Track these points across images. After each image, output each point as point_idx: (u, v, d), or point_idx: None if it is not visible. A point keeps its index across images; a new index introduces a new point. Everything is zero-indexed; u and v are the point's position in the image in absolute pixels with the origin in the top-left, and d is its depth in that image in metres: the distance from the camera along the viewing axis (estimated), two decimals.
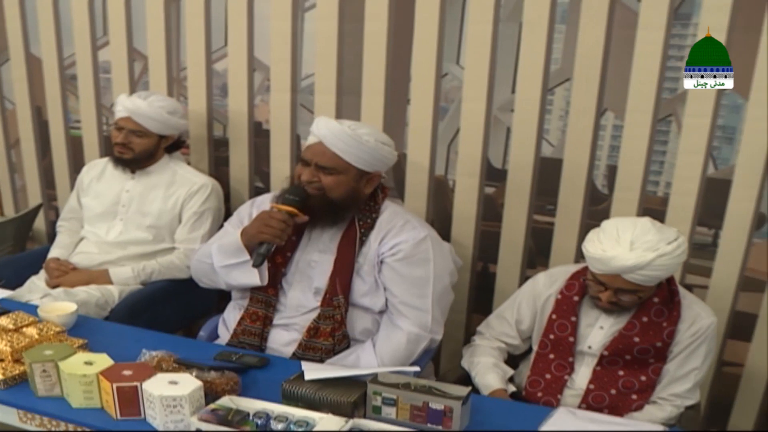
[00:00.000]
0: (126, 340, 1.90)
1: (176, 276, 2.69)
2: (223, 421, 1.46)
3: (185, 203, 2.73)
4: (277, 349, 2.14)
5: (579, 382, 2.08)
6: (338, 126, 2.09)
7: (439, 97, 2.61)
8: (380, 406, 1.62)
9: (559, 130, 2.52)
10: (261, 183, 3.03)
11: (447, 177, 2.72)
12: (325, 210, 2.10)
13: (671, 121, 2.41)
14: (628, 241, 1.89)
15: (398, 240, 2.11)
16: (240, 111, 2.92)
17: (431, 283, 2.11)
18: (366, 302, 2.12)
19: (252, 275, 2.10)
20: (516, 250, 2.67)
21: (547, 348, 2.13)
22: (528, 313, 2.22)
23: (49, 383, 1.58)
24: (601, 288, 1.99)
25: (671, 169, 2.43)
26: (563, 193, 2.56)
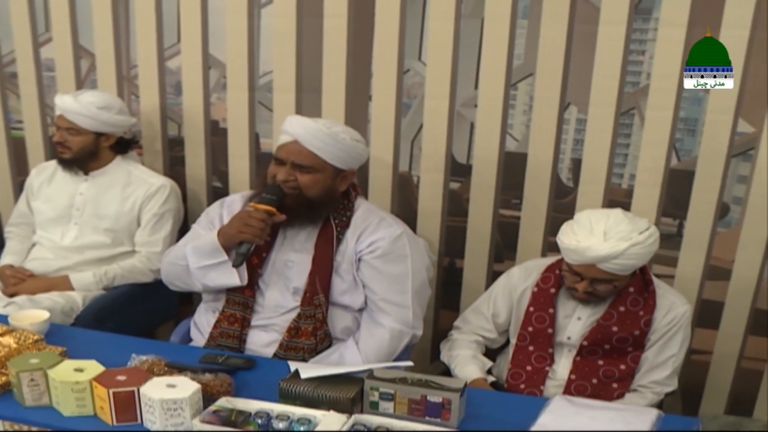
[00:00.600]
0: (102, 346, 1.93)
1: (139, 280, 2.73)
2: (226, 422, 1.53)
3: (144, 205, 2.77)
4: (256, 350, 2.20)
5: (560, 372, 2.21)
6: (314, 124, 2.16)
7: (402, 93, 2.68)
8: (377, 402, 1.70)
9: (523, 124, 2.64)
10: (219, 183, 3.09)
11: (411, 173, 2.83)
12: (301, 209, 2.17)
13: (634, 114, 2.55)
14: (601, 232, 2.03)
15: (375, 237, 2.20)
16: (195, 109, 2.96)
17: (410, 278, 2.21)
18: (345, 300, 2.21)
19: (231, 276, 2.17)
20: (482, 244, 2.78)
21: (527, 340, 2.25)
22: (504, 307, 2.34)
23: (37, 392, 1.62)
24: (577, 279, 2.11)
25: (635, 161, 2.56)
26: (528, 187, 2.67)
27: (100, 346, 1.94)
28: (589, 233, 2.03)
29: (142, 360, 1.76)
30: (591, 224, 2.06)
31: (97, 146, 2.77)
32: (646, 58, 2.51)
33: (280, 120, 2.77)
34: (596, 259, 2.01)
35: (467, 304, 2.77)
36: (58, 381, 1.58)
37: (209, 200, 3.06)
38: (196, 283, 2.24)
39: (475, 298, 2.75)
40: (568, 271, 2.13)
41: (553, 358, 2.22)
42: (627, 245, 2.00)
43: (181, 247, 2.31)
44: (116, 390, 1.56)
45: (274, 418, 1.52)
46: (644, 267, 2.18)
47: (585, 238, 2.03)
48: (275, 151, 2.21)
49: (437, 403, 1.64)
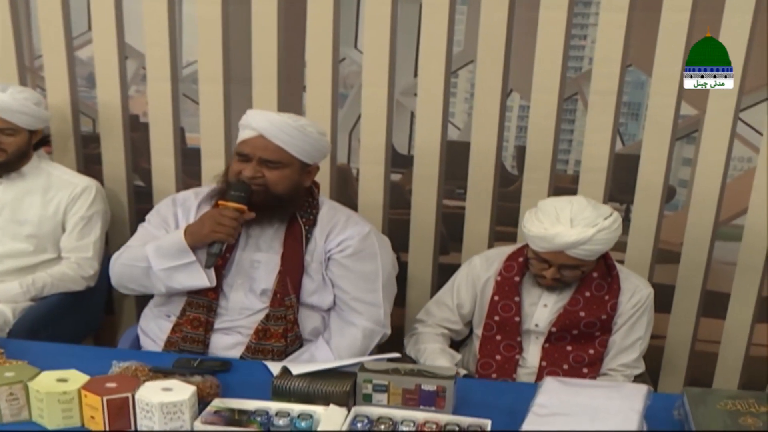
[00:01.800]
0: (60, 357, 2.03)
1: (70, 288, 2.87)
2: (229, 421, 1.73)
3: (68, 208, 2.91)
4: (220, 354, 2.40)
5: (530, 360, 2.51)
6: (279, 117, 2.36)
7: (338, 83, 2.94)
8: (371, 394, 1.90)
9: (465, 112, 2.94)
10: (141, 182, 3.28)
11: (350, 165, 3.09)
12: (269, 206, 2.36)
13: (577, 100, 2.88)
14: (567, 219, 2.33)
15: (345, 236, 2.43)
16: (111, 103, 3.14)
17: (380, 276, 2.46)
18: (314, 300, 2.43)
19: (199, 277, 2.34)
20: (427, 237, 3.08)
21: (493, 330, 2.54)
22: (468, 297, 2.63)
23: (16, 407, 1.75)
24: (545, 266, 2.41)
25: (580, 147, 2.89)
26: (472, 177, 2.98)
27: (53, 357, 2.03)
28: (555, 220, 2.33)
29: (124, 366, 1.93)
30: (556, 211, 2.36)
31: (29, 145, 2.92)
32: (587, 42, 2.83)
33: (207, 113, 3.05)
34: (564, 246, 2.31)
35: (413, 299, 3.11)
36: (43, 393, 1.72)
37: (130, 201, 3.26)
38: (158, 286, 2.40)
39: (421, 292, 3.11)
40: (535, 258, 2.43)
41: (521, 346, 2.52)
42: (594, 231, 2.30)
43: (136, 247, 2.46)
44: (110, 397, 1.71)
45: (274, 415, 1.74)
46: (607, 253, 2.49)
47: (552, 226, 2.33)
48: (238, 146, 2.40)
49: (431, 392, 1.87)
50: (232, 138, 3.06)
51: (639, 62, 2.82)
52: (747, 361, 3.12)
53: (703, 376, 3.15)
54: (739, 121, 2.83)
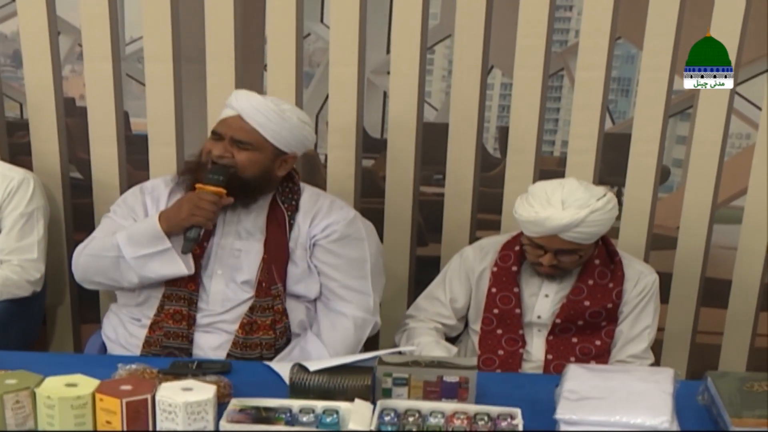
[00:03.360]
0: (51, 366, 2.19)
1: (15, 294, 3.07)
2: (257, 419, 1.98)
3: (4, 205, 3.11)
4: (206, 355, 2.66)
5: (535, 354, 2.84)
6: (261, 99, 2.65)
7: (302, 61, 3.23)
8: (390, 388, 2.12)
9: (442, 91, 3.27)
10: (79, 173, 3.51)
11: (317, 151, 3.39)
12: (237, 189, 2.61)
13: (563, 76, 3.22)
14: (559, 201, 2.64)
15: (330, 221, 2.73)
16: (42, 85, 3.36)
17: (368, 263, 2.77)
18: (300, 289, 2.71)
19: (175, 264, 2.59)
20: (403, 227, 3.40)
21: (493, 324, 2.86)
22: (462, 290, 2.94)
23: (22, 416, 1.95)
24: (540, 252, 2.73)
25: (566, 126, 3.24)
26: (451, 161, 3.31)
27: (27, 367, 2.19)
28: (546, 203, 2.64)
29: (131, 369, 2.18)
30: (546, 194, 2.67)
31: None
32: (573, 14, 3.17)
33: (154, 95, 3.31)
34: (557, 229, 2.62)
35: (389, 296, 3.39)
36: (55, 398, 1.92)
37: (66, 196, 3.49)
38: (129, 276, 2.63)
39: (398, 288, 3.43)
40: (530, 244, 2.74)
41: (524, 339, 2.84)
42: (586, 212, 2.61)
43: (102, 238, 2.71)
44: (129, 400, 1.89)
45: (298, 412, 2.01)
46: (607, 238, 2.83)
47: (542, 209, 2.64)
48: (216, 125, 2.68)
49: (454, 383, 2.12)
50: (184, 123, 3.33)
51: (629, 34, 3.17)
52: (752, 353, 3.50)
53: (705, 369, 3.43)
54: (737, 96, 3.20)
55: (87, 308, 3.70)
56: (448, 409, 2.04)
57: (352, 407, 2.00)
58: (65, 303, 3.67)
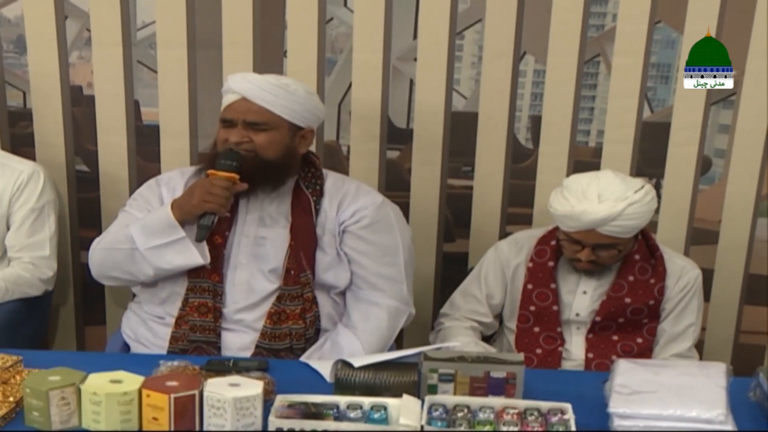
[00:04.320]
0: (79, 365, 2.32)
1: (27, 293, 3.22)
2: (306, 414, 2.11)
3: (14, 199, 3.25)
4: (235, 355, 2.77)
5: (575, 352, 3.00)
6: (260, 77, 2.78)
7: (324, 47, 3.37)
8: (436, 384, 2.25)
9: (472, 79, 3.41)
10: (85, 166, 3.65)
11: (339, 142, 3.55)
12: (261, 174, 2.76)
13: (599, 62, 3.37)
14: (595, 194, 2.77)
15: (358, 206, 2.88)
16: (47, 72, 3.48)
17: (400, 250, 2.92)
18: (330, 278, 2.86)
19: (191, 254, 2.73)
20: (429, 222, 3.55)
21: (530, 321, 3.01)
22: (498, 286, 3.09)
23: (67, 413, 2.09)
24: (578, 247, 2.86)
25: (602, 115, 3.38)
26: (481, 152, 3.45)
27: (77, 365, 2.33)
28: (581, 197, 2.78)
29: (173, 366, 2.33)
30: (582, 188, 2.81)
31: None
32: None
33: (167, 84, 3.44)
34: (594, 223, 2.76)
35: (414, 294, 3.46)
36: (102, 394, 2.07)
37: (71, 190, 3.64)
38: (145, 269, 2.77)
39: (423, 285, 3.56)
40: (567, 240, 2.88)
41: (563, 337, 3.00)
42: (624, 205, 2.75)
43: (116, 231, 2.86)
44: (178, 395, 2.03)
45: (345, 408, 2.15)
46: (647, 232, 2.98)
47: (578, 203, 2.77)
48: (221, 113, 2.82)
49: (501, 379, 2.24)
50: (198, 113, 3.47)
51: (669, 18, 3.32)
52: None
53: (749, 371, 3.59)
54: None
55: (92, 310, 3.84)
56: (497, 405, 2.16)
57: (401, 403, 2.14)
58: (68, 304, 3.81)
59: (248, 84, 2.78)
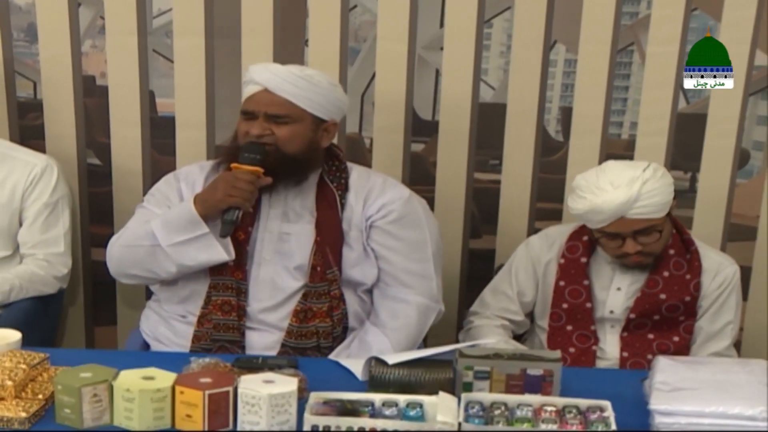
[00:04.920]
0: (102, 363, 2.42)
1: (42, 291, 3.30)
2: (343, 411, 2.16)
3: (27, 194, 3.32)
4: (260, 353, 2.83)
5: (609, 350, 3.08)
6: (282, 68, 2.84)
7: (347, 35, 3.46)
8: (472, 382, 2.33)
9: (500, 69, 3.50)
10: (97, 159, 3.74)
11: (362, 134, 3.64)
12: (283, 168, 2.83)
13: (633, 51, 3.46)
14: (607, 183, 2.85)
15: (385, 200, 2.95)
16: (59, 61, 3.57)
17: (429, 245, 2.99)
18: (357, 275, 2.94)
19: (215, 250, 2.78)
20: (455, 217, 3.63)
21: (562, 319, 3.10)
22: (530, 283, 3.18)
23: (98, 410, 2.17)
24: (619, 241, 2.93)
25: (636, 106, 3.47)
26: (509, 145, 3.54)
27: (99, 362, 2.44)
28: (595, 189, 2.86)
29: (204, 363, 2.42)
30: (592, 182, 2.89)
31: None
32: None
33: (183, 73, 3.53)
34: (618, 209, 2.83)
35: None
36: (135, 391, 2.15)
37: (83, 183, 3.72)
38: (167, 266, 2.83)
39: (448, 283, 3.57)
40: (605, 237, 2.95)
41: (596, 335, 3.09)
42: (638, 185, 2.83)
43: (135, 227, 2.90)
44: (212, 392, 2.12)
45: (381, 405, 2.23)
46: (681, 226, 3.06)
47: (595, 196, 2.85)
48: (242, 105, 2.89)
49: (538, 376, 2.32)
50: (215, 104, 3.56)
51: (705, 5, 3.40)
52: None
53: None
54: None
55: (102, 309, 3.92)
56: (535, 402, 2.23)
57: (437, 400, 2.21)
58: (78, 303, 3.90)
59: (271, 75, 2.84)
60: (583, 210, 2.90)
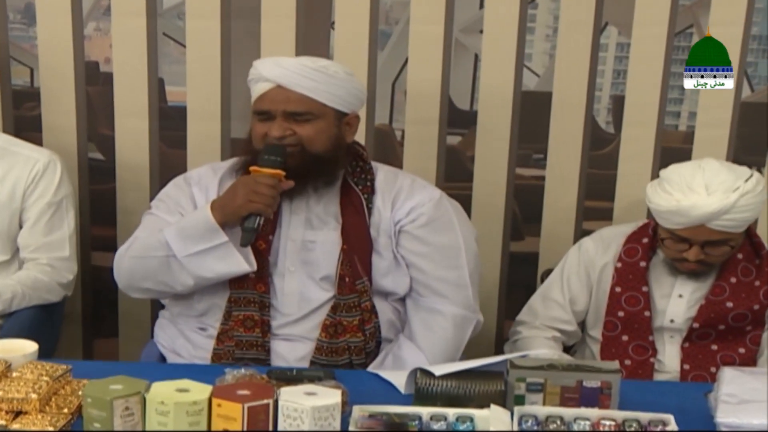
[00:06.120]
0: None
1: (45, 299, 3.40)
2: (390, 425, 2.30)
3: (28, 192, 3.43)
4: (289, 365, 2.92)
5: (669, 363, 3.20)
6: (293, 60, 2.96)
7: (377, 17, 3.58)
8: (524, 395, 2.41)
9: (546, 54, 3.61)
10: (100, 154, 3.86)
11: (392, 126, 3.75)
12: (309, 170, 2.93)
13: (692, 34, 3.57)
14: (701, 186, 2.95)
15: (414, 203, 3.05)
16: (59, 46, 3.69)
17: (463, 251, 3.07)
18: (388, 284, 3.04)
19: (235, 260, 2.86)
20: (494, 217, 3.75)
21: (617, 329, 3.20)
22: (582, 290, 3.28)
23: (130, 423, 2.27)
24: (684, 246, 3.03)
25: (695, 95, 3.58)
26: (555, 137, 3.66)
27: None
28: (687, 189, 2.96)
29: (239, 374, 2.52)
30: (685, 179, 2.99)
31: None
32: None
33: (196, 59, 3.65)
34: (704, 218, 2.93)
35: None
36: (170, 404, 2.25)
37: (83, 180, 3.84)
38: (183, 278, 2.92)
39: (486, 290, 3.77)
40: (671, 238, 3.06)
41: (655, 347, 3.19)
42: (736, 196, 2.92)
43: (146, 237, 2.99)
44: (252, 404, 2.20)
45: (429, 419, 2.35)
46: (751, 229, 3.14)
47: (684, 196, 2.95)
48: (254, 105, 2.97)
49: (595, 389, 2.40)
50: (232, 93, 3.66)
51: None
52: None
53: None
54: None
55: (103, 321, 4.04)
56: (593, 416, 2.34)
57: (489, 414, 2.35)
58: (75, 313, 4.00)
59: (282, 70, 2.93)
60: (665, 208, 3.00)
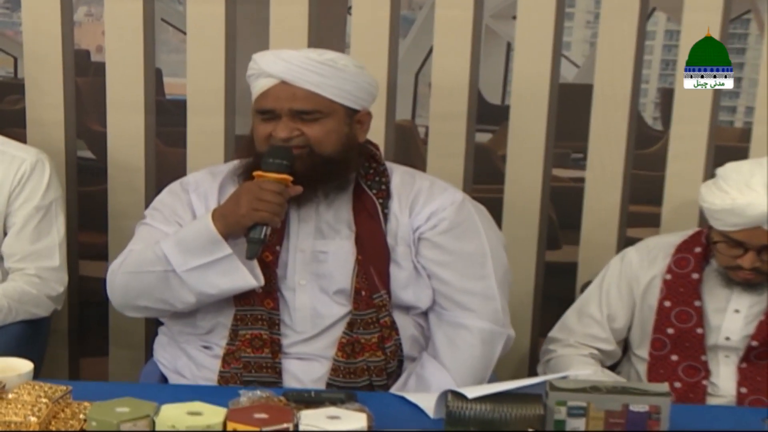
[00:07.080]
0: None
1: (33, 314, 3.44)
2: None
3: (14, 196, 3.44)
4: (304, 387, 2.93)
5: (724, 386, 3.20)
6: (298, 53, 2.94)
7: (399, 1, 3.59)
8: (564, 420, 2.41)
9: (586, 42, 3.63)
10: (90, 152, 3.88)
11: (415, 122, 3.77)
12: (320, 173, 2.94)
13: (749, 20, 3.59)
14: (761, 184, 2.98)
15: (434, 207, 3.05)
16: (45, 32, 3.72)
17: (489, 259, 3.07)
18: (408, 297, 3.03)
19: (240, 275, 2.86)
20: (528, 223, 3.77)
21: (666, 348, 3.23)
22: (623, 306, 3.30)
23: None
24: (739, 251, 3.05)
25: (752, 88, 3.61)
26: (596, 135, 3.68)
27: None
28: (744, 187, 3.00)
29: (255, 396, 2.54)
30: (744, 177, 3.03)
31: None
32: None
33: (198, 47, 3.68)
34: (762, 218, 2.96)
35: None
36: (183, 428, 2.28)
37: (71, 181, 3.87)
38: (183, 295, 2.93)
39: (519, 302, 3.79)
40: (725, 242, 3.07)
41: (708, 368, 3.21)
42: None
43: (142, 250, 3.01)
44: (269, 429, 2.23)
45: None
46: None
47: (741, 194, 2.99)
48: (256, 103, 2.98)
49: (642, 413, 2.40)
50: (237, 84, 3.69)
51: None
52: None
53: None
54: None
55: (91, 338, 4.07)
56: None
57: None
58: (60, 328, 4.02)
59: (286, 64, 2.93)
60: (719, 207, 3.03)
